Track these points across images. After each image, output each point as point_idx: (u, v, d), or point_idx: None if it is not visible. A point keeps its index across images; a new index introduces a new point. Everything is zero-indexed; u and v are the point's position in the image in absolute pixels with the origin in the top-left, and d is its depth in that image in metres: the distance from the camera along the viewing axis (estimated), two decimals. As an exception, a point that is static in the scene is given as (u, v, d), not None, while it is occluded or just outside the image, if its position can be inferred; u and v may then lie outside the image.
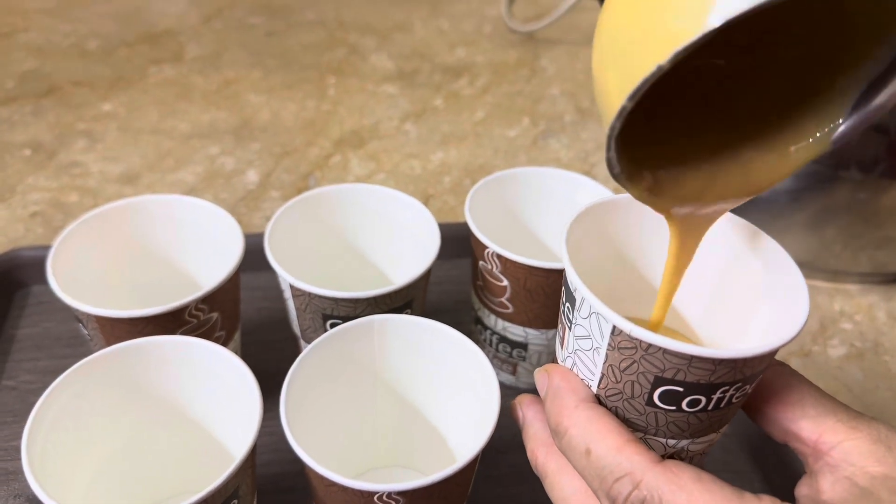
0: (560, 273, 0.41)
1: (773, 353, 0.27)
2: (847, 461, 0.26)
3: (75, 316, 0.39)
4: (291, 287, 0.40)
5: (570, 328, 0.31)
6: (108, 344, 0.37)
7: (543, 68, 0.89)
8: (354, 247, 0.48)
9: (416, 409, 0.40)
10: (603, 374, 0.29)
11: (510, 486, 0.43)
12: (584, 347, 0.30)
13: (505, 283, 0.42)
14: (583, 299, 0.29)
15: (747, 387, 0.28)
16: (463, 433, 0.38)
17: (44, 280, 0.45)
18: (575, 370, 0.31)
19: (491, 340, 0.47)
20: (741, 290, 0.33)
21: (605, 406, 0.30)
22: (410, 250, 0.46)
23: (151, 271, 0.46)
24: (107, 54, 0.87)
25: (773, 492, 0.43)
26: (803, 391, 0.29)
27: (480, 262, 0.44)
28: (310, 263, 0.46)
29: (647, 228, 0.34)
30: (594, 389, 0.30)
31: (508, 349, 0.46)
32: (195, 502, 0.29)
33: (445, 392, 0.38)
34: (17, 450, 0.43)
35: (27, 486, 0.41)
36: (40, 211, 0.62)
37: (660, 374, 0.27)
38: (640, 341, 0.27)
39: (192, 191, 0.66)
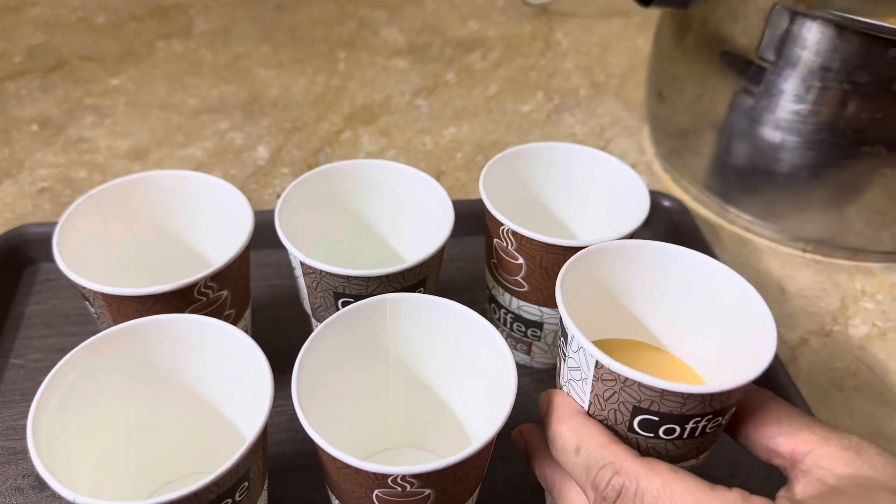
0: (577, 251, 0.40)
1: (739, 389, 0.30)
2: (818, 465, 0.29)
3: (82, 293, 0.38)
4: (302, 265, 0.39)
5: (564, 360, 0.34)
6: (116, 323, 0.37)
7: (558, 42, 0.87)
8: (366, 223, 0.47)
9: (429, 388, 0.39)
10: (591, 402, 0.33)
11: (524, 465, 0.42)
12: (575, 378, 0.33)
13: (520, 260, 0.41)
14: (573, 336, 0.32)
15: (720, 418, 0.31)
16: (477, 413, 0.38)
17: (51, 257, 0.45)
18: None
19: (505, 319, 0.46)
20: (715, 324, 0.36)
21: None
22: (423, 227, 0.45)
23: (160, 248, 0.45)
24: (115, 29, 0.85)
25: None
26: (780, 412, 0.31)
27: (495, 240, 0.43)
28: (321, 240, 0.45)
29: (631, 269, 0.38)
30: None
31: (523, 328, 0.45)
32: (204, 485, 0.28)
33: (459, 372, 0.38)
34: (26, 429, 0.43)
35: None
36: (48, 187, 0.61)
37: (637, 405, 0.30)
38: (619, 374, 0.30)
39: (201, 167, 0.65)
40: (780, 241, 0.60)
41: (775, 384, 0.45)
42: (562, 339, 0.34)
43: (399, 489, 0.30)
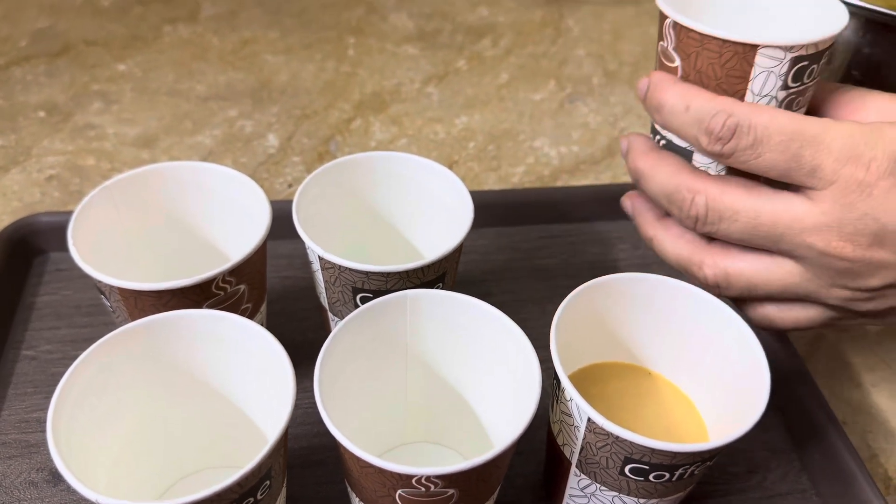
0: (736, 45, 0.34)
1: (727, 445, 0.31)
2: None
3: (97, 287, 0.38)
4: (320, 259, 0.38)
5: (556, 400, 0.35)
6: (133, 317, 0.36)
7: (569, 28, 0.86)
8: (383, 216, 0.47)
9: (449, 385, 0.39)
10: (582, 447, 0.33)
11: (542, 462, 0.42)
12: (567, 422, 0.34)
13: (677, 62, 0.37)
14: (564, 388, 0.33)
15: (708, 463, 0.33)
16: (497, 411, 0.37)
17: (62, 246, 0.44)
18: (562, 434, 0.35)
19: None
20: (717, 368, 0.37)
21: (584, 471, 0.34)
22: (441, 220, 0.44)
23: (174, 240, 0.45)
24: (121, 12, 0.84)
25: (804, 462, 0.42)
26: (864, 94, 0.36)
27: (660, 44, 0.38)
28: (338, 233, 0.44)
29: (632, 302, 0.38)
30: (576, 456, 0.34)
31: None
32: (228, 486, 0.28)
33: (480, 369, 0.37)
34: (39, 422, 0.42)
35: (49, 460, 0.40)
36: (56, 175, 0.61)
37: (629, 456, 0.31)
38: (611, 432, 0.31)
39: (210, 154, 0.64)
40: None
41: (793, 379, 0.44)
42: (554, 380, 0.34)
43: (423, 489, 0.30)
